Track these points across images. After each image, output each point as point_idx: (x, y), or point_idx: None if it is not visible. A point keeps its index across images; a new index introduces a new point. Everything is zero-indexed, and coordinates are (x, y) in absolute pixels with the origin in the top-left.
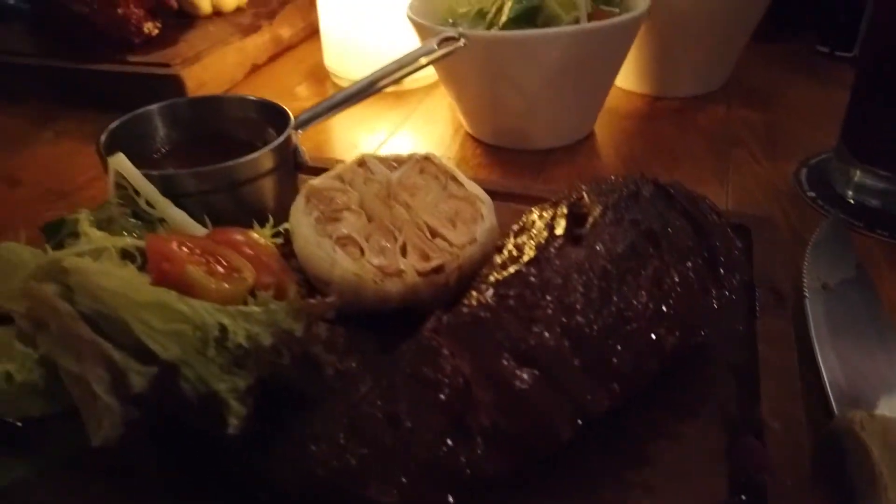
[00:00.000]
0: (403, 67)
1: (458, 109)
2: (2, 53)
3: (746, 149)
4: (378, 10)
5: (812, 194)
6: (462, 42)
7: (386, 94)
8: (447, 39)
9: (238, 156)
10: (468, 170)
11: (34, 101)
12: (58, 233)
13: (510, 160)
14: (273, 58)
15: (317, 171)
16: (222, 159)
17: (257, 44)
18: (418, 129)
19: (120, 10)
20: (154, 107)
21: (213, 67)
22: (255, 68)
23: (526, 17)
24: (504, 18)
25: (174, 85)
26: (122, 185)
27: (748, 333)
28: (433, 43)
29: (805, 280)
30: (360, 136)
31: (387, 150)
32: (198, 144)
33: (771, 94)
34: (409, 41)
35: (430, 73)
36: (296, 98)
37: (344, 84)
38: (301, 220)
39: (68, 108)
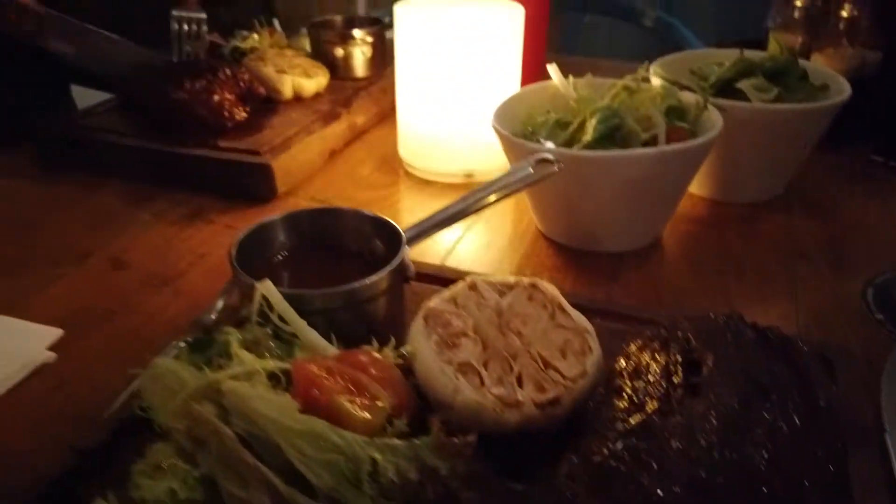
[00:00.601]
0: (503, 189)
1: (531, 208)
2: (100, 131)
3: (811, 262)
4: (456, 105)
5: (881, 317)
6: (558, 167)
7: (457, 186)
8: (543, 161)
9: (349, 265)
10: (539, 270)
11: (130, 180)
12: (206, 350)
13: (580, 261)
14: (348, 143)
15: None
16: (334, 268)
17: (336, 132)
18: (491, 223)
19: (215, 98)
20: (277, 217)
21: (299, 156)
22: (333, 154)
23: (608, 136)
24: (589, 138)
25: (263, 172)
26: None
27: (839, 474)
28: (528, 166)
29: (885, 414)
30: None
31: (463, 246)
32: (313, 252)
33: (829, 204)
34: (486, 137)
35: (504, 158)
36: (372, 187)
37: (416, 174)
38: (422, 344)
39: (162, 188)
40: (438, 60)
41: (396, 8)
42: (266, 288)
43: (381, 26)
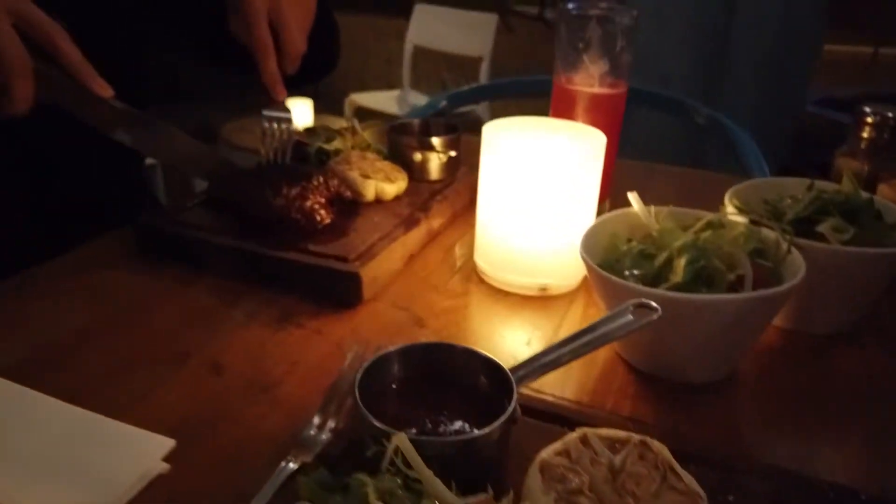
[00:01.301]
0: (604, 337)
1: None
2: (192, 228)
3: (891, 408)
4: (535, 222)
5: None
6: (657, 315)
7: (531, 297)
8: (642, 307)
9: (456, 400)
10: (620, 398)
11: (221, 277)
12: (331, 488)
13: (658, 389)
14: (424, 246)
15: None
16: (443, 400)
17: (415, 237)
18: None
19: (308, 203)
20: (394, 350)
21: (383, 264)
22: (411, 258)
23: (696, 277)
24: (679, 280)
25: (352, 281)
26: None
27: None
28: (628, 312)
29: None
30: (515, 346)
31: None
32: (423, 384)
33: None
34: (561, 254)
35: (578, 273)
36: (449, 294)
37: (491, 282)
38: (541, 501)
39: (253, 287)
40: (521, 179)
41: (485, 128)
42: (400, 440)
43: (457, 134)
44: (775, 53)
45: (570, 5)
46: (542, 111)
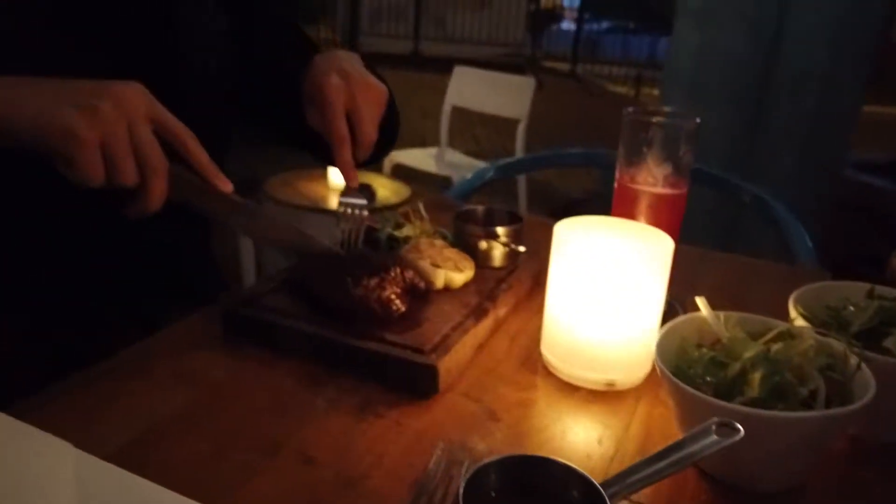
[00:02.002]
0: (687, 458)
1: (680, 430)
2: (274, 313)
3: None
4: (604, 319)
5: None
6: (739, 436)
7: (599, 392)
8: (723, 426)
9: None
10: (690, 503)
11: (303, 361)
12: None
13: (729, 497)
14: (491, 334)
15: None
16: None
17: (484, 327)
18: (641, 439)
19: (385, 293)
20: (494, 460)
21: (457, 356)
22: (479, 347)
23: (771, 392)
24: (755, 395)
25: (429, 373)
26: None
27: None
28: (711, 432)
29: None
30: (588, 444)
31: (615, 467)
32: (519, 496)
33: None
34: (629, 351)
35: (644, 369)
36: (517, 386)
37: (558, 375)
38: None
39: (331, 374)
40: (590, 278)
41: (557, 227)
42: None
43: (520, 225)
44: (814, 117)
45: (632, 109)
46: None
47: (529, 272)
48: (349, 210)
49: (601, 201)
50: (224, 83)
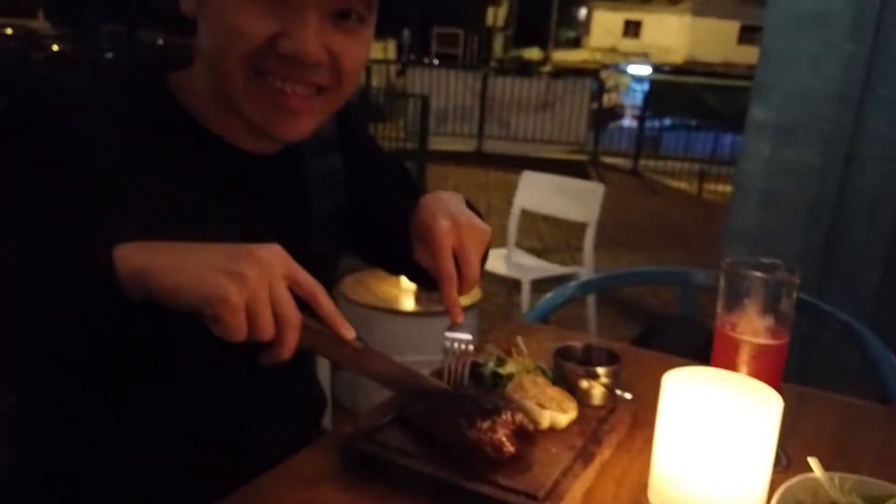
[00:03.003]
0: None
1: None
2: (390, 450)
3: None
4: (712, 469)
5: None
6: None
7: None
8: None
9: None
10: None
11: (414, 497)
12: None
13: None
14: (597, 476)
15: None
16: None
17: (591, 472)
18: None
19: (497, 436)
20: None
21: (572, 502)
22: (588, 492)
23: None
24: None
25: None
26: None
27: None
28: None
29: None
30: None
31: None
32: None
33: None
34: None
35: None
36: None
37: None
38: None
39: None
40: (699, 430)
41: (666, 378)
42: None
43: (619, 365)
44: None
45: (730, 261)
46: None
47: (629, 411)
48: (455, 345)
49: (674, 325)
50: (340, 222)
